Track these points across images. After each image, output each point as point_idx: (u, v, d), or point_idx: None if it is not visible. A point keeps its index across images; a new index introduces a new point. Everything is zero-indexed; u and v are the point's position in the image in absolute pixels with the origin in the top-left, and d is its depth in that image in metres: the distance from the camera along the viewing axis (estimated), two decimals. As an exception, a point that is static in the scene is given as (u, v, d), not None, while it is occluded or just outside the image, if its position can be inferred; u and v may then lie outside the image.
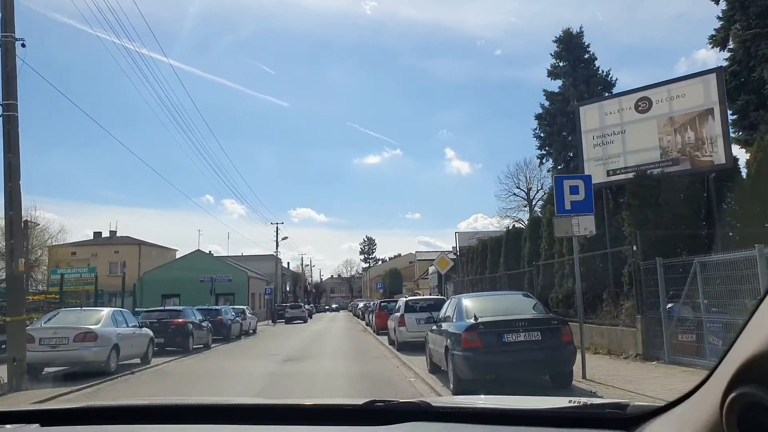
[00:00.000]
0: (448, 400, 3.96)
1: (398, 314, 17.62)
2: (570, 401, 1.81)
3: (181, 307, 21.90)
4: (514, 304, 9.59)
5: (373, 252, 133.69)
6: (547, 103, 31.32)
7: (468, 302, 9.56)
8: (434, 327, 11.23)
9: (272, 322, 51.87)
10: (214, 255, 60.44)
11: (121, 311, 15.04)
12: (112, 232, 62.81)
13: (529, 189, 48.62)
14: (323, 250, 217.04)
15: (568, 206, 9.38)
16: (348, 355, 17.93)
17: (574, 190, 9.34)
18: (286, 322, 50.21)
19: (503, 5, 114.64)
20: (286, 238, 53.83)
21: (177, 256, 58.46)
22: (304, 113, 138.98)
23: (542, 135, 31.43)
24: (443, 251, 26.65)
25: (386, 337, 22.24)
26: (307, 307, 60.99)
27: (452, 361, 8.71)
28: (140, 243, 59.67)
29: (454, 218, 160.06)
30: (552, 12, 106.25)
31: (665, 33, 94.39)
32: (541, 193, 48.33)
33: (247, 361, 17.77)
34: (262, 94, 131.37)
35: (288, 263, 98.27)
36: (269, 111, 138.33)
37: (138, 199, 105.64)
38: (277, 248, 52.80)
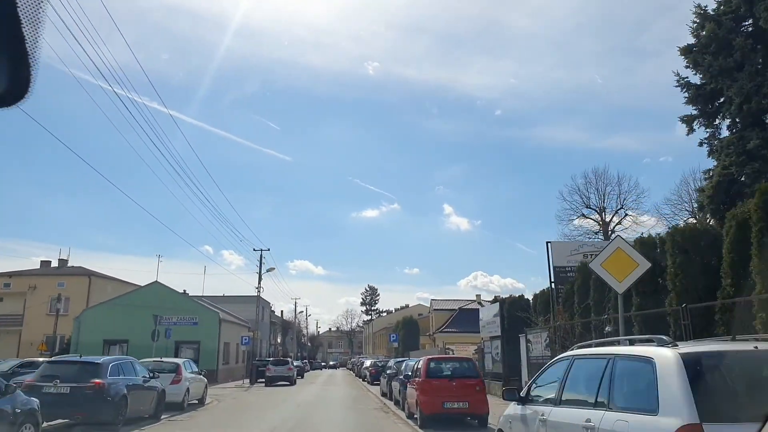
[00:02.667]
0: None
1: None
2: None
3: None
4: None
5: (375, 303, 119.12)
6: (702, 28, 18.04)
7: None
8: None
9: (249, 382, 37.37)
10: (187, 294, 46.48)
11: None
12: (62, 261, 48.99)
13: (603, 209, 35.24)
14: (321, 304, 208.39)
15: None
16: None
17: None
18: (267, 384, 35.65)
19: (502, 67, 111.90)
20: (273, 269, 40.13)
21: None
22: (306, 167, 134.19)
23: (694, 82, 18.13)
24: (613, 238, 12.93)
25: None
26: (296, 363, 46.32)
27: None
28: (90, 274, 45.69)
29: (453, 275, 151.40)
30: (550, 74, 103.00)
31: (661, 96, 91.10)
32: (621, 213, 35.01)
33: None
34: (266, 149, 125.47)
35: (282, 311, 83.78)
36: (272, 165, 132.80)
37: (130, 247, 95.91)
38: (259, 282, 38.87)
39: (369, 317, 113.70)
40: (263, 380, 36.09)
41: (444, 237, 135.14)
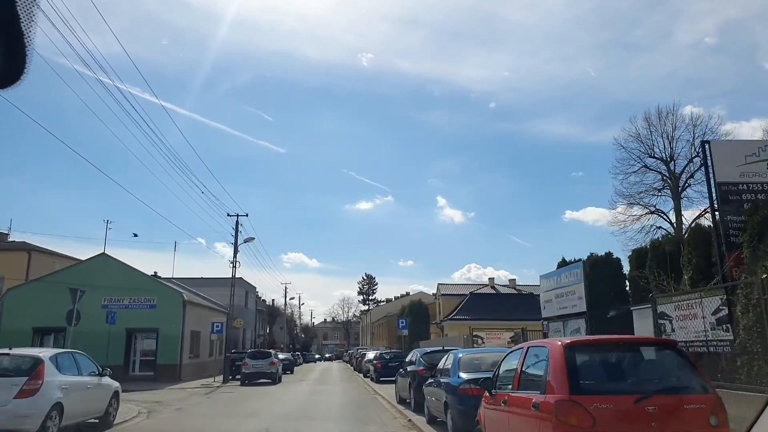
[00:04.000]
0: None
1: None
2: None
3: None
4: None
5: (373, 293, 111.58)
6: None
7: None
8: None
9: (222, 380, 29.31)
10: (158, 276, 38.23)
11: None
12: (2, 235, 40.65)
13: (671, 158, 27.21)
14: (316, 297, 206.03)
15: None
16: None
17: None
18: (243, 382, 27.70)
19: (497, 60, 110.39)
20: (252, 239, 31.75)
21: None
22: (300, 159, 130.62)
23: None
24: None
25: None
26: (283, 356, 38.26)
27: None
28: (31, 249, 37.31)
29: (447, 267, 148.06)
30: (545, 67, 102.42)
31: (653, 90, 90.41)
32: (696, 163, 26.94)
33: None
34: (259, 141, 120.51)
35: (272, 300, 75.57)
36: (266, 157, 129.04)
37: (119, 240, 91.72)
38: (235, 254, 30.44)
39: (366, 307, 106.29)
40: (247, 378, 28.04)
41: (438, 229, 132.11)
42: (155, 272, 41.70)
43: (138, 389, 24.52)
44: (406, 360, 16.37)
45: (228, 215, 30.86)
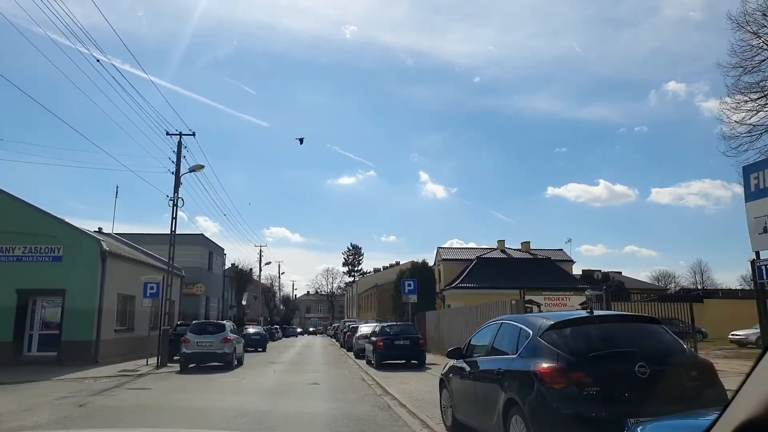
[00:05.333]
0: None
1: None
2: None
3: None
4: None
5: (359, 263, 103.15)
6: None
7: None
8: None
9: (158, 363, 20.39)
10: (103, 232, 28.96)
11: None
12: None
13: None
14: (300, 272, 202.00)
15: None
16: None
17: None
18: (183, 367, 18.90)
19: (482, 34, 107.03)
20: (202, 167, 22.18)
21: None
22: (283, 133, 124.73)
23: None
24: None
25: None
26: (253, 329, 29.40)
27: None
28: None
29: (430, 242, 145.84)
30: (529, 42, 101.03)
31: (637, 66, 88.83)
32: None
33: None
34: (242, 114, 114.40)
35: (250, 269, 66.16)
36: (249, 131, 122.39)
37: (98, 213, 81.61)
38: (176, 187, 20.94)
39: (352, 279, 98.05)
40: (190, 360, 19.15)
41: (420, 205, 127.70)
42: (99, 228, 32.57)
43: (14, 380, 15.62)
44: (473, 342, 7.47)
45: (168, 134, 21.49)
